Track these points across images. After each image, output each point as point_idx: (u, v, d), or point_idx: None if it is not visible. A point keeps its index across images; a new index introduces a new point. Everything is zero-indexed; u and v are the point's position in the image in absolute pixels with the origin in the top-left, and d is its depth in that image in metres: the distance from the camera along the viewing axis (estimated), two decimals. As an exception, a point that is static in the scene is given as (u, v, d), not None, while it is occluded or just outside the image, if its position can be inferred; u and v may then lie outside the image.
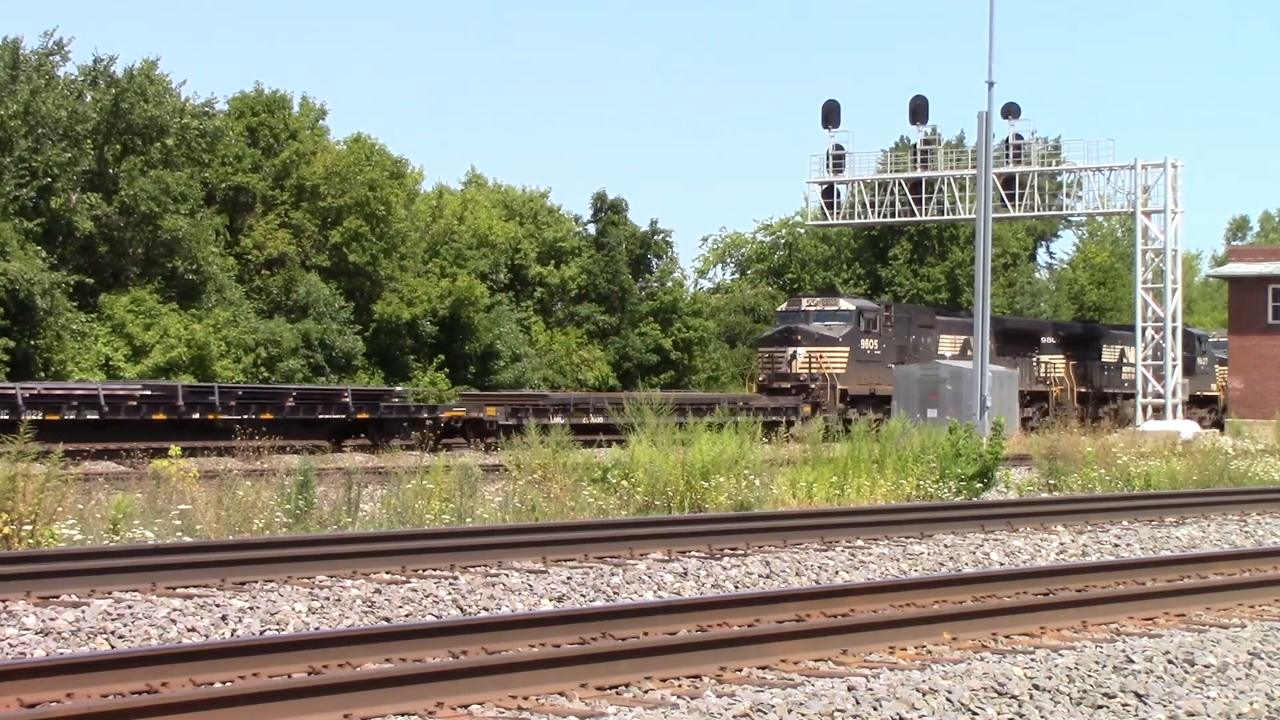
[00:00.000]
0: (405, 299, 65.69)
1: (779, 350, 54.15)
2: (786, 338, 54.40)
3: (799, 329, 54.24)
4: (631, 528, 19.45)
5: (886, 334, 55.58)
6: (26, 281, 49.48)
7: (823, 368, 52.96)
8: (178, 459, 22.82)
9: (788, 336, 54.36)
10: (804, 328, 54.15)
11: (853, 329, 54.30)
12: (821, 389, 52.25)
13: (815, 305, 55.76)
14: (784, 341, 54.29)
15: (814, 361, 53.12)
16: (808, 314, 54.95)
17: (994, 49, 48.00)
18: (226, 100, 65.03)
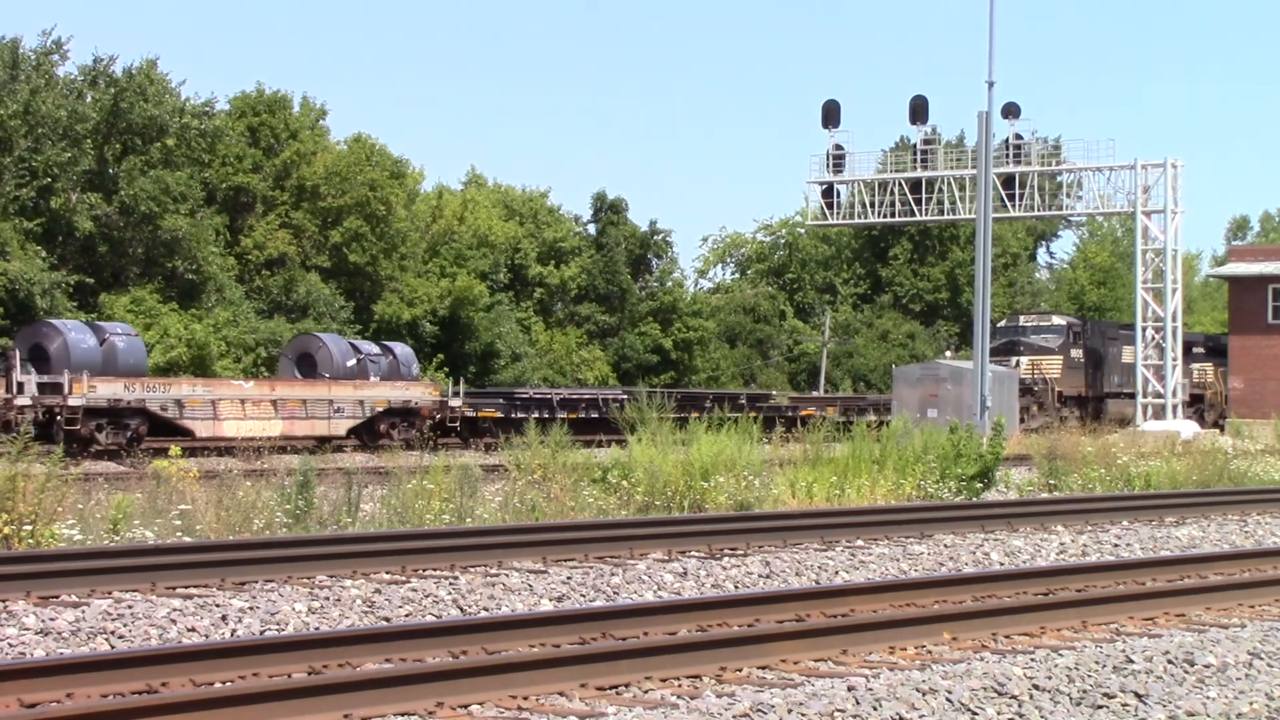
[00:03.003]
0: (405, 299, 65.72)
1: (1005, 359, 60.60)
2: (1010, 348, 61.42)
3: (1021, 341, 61.88)
4: (631, 528, 19.44)
5: (1087, 345, 62.75)
6: (26, 281, 49.47)
7: (1042, 373, 60.25)
8: (178, 459, 22.81)
9: (1012, 347, 61.56)
10: (1025, 340, 61.83)
11: (1064, 340, 61.50)
12: (1042, 391, 59.59)
13: (1032, 321, 63.97)
14: (1008, 351, 61.15)
15: (1034, 368, 60.42)
16: (1026, 328, 62.80)
17: (994, 49, 48.21)
18: (227, 100, 65.13)
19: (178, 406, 37.75)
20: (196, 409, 38.01)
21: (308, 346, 44.64)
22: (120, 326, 40.74)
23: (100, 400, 36.09)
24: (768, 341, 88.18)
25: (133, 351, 39.10)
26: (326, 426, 40.34)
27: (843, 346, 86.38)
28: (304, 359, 43.96)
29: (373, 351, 45.03)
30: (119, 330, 39.79)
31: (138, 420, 37.08)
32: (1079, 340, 62.31)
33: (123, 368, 37.96)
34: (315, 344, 44.57)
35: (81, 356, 36.89)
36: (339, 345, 44.45)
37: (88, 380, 35.76)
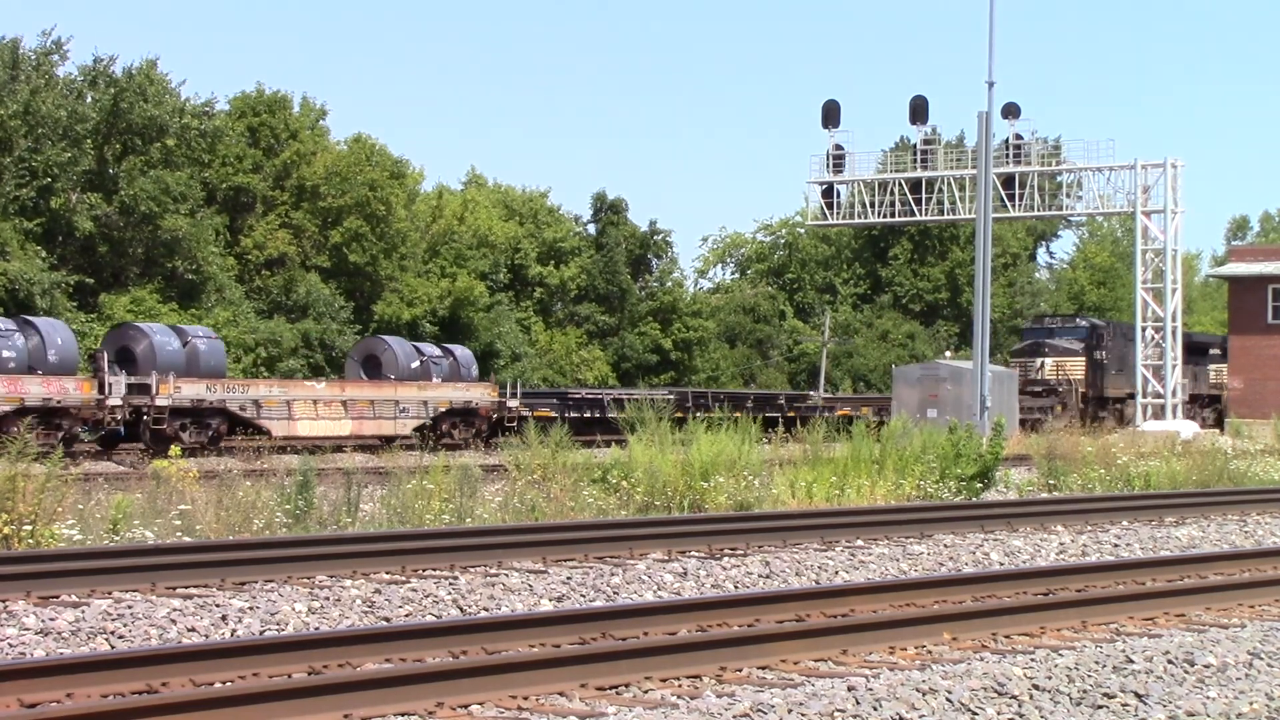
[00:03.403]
0: (405, 299, 65.71)
1: (1030, 360, 62.91)
2: (1036, 350, 63.37)
3: (1046, 343, 63.53)
4: (631, 528, 19.44)
5: (1110, 346, 63.88)
6: (26, 281, 49.48)
7: (1066, 374, 62.07)
8: (178, 459, 22.81)
9: (1037, 349, 63.42)
10: (1050, 342, 63.41)
11: (1088, 342, 62.97)
12: (1067, 392, 61.46)
13: (1057, 323, 65.75)
14: (1033, 353, 63.24)
15: (1059, 369, 62.20)
16: (1051, 330, 64.53)
17: (994, 49, 48.41)
18: (227, 100, 65.14)
19: (255, 407, 39.68)
20: (273, 409, 39.88)
21: (373, 349, 46.31)
22: (201, 330, 42.44)
23: (185, 401, 37.94)
24: (767, 341, 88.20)
25: (213, 354, 40.88)
26: (393, 426, 41.86)
27: (843, 346, 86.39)
28: (369, 361, 45.61)
29: (435, 354, 46.76)
30: (200, 333, 41.44)
31: (218, 420, 38.90)
32: (1102, 342, 63.37)
33: (204, 369, 39.68)
34: (381, 346, 46.17)
35: (166, 359, 38.57)
36: (403, 347, 46.07)
37: (173, 381, 37.61)
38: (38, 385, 35.35)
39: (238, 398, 39.50)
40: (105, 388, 36.38)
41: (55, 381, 35.79)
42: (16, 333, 36.60)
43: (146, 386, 37.31)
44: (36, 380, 35.45)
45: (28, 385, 35.09)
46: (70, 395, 35.72)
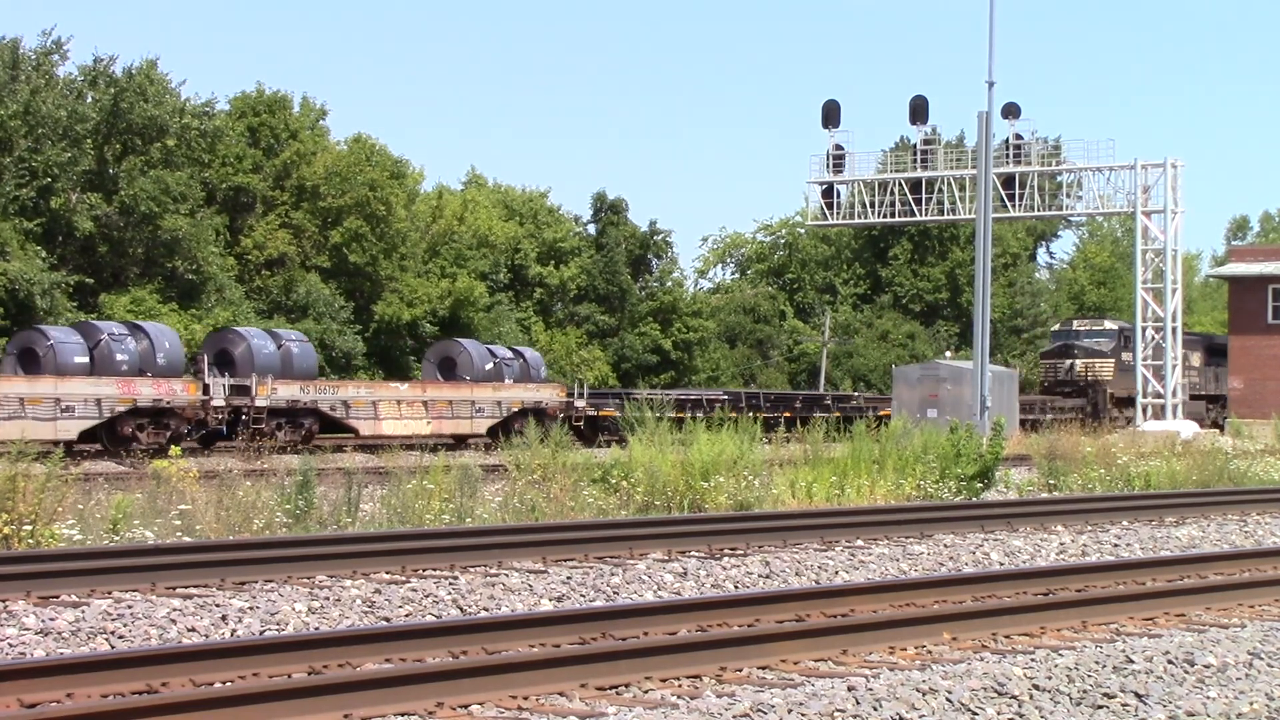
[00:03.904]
0: (405, 299, 65.70)
1: (1059, 361, 64.96)
2: (1065, 351, 65.23)
3: (1074, 344, 65.49)
4: (631, 528, 19.44)
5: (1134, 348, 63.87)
6: (26, 281, 49.46)
7: (1095, 375, 64.06)
8: (178, 459, 22.81)
9: (1066, 350, 65.30)
10: (1078, 343, 65.38)
11: (1116, 344, 64.71)
12: (1096, 392, 63.34)
13: (1085, 325, 67.55)
14: (1062, 354, 65.14)
15: (1088, 370, 64.26)
16: (1079, 332, 66.36)
17: (994, 49, 48.45)
18: (227, 100, 65.13)
19: (345, 407, 42.08)
20: (361, 409, 42.27)
21: (449, 351, 48.72)
22: (294, 334, 44.83)
23: (281, 401, 40.21)
24: (768, 341, 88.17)
25: (305, 356, 43.13)
26: (469, 425, 43.78)
27: (843, 346, 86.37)
28: (445, 362, 47.97)
29: (506, 356, 49.16)
30: (293, 337, 43.82)
31: (311, 420, 41.06)
32: (1129, 344, 63.91)
33: (298, 371, 41.99)
34: (456, 349, 48.57)
35: (263, 361, 40.87)
36: (478, 350, 48.48)
37: (271, 383, 39.94)
38: (149, 387, 37.48)
39: (329, 398, 41.73)
40: (206, 389, 38.63)
41: (164, 383, 37.92)
42: (128, 336, 38.97)
43: (246, 388, 39.49)
44: (148, 382, 37.59)
45: (140, 387, 37.27)
46: (178, 396, 37.93)
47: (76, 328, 40.01)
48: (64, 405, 35.82)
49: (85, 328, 39.73)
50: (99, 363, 38.03)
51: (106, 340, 38.49)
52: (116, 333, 38.97)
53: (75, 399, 36.06)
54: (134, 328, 40.07)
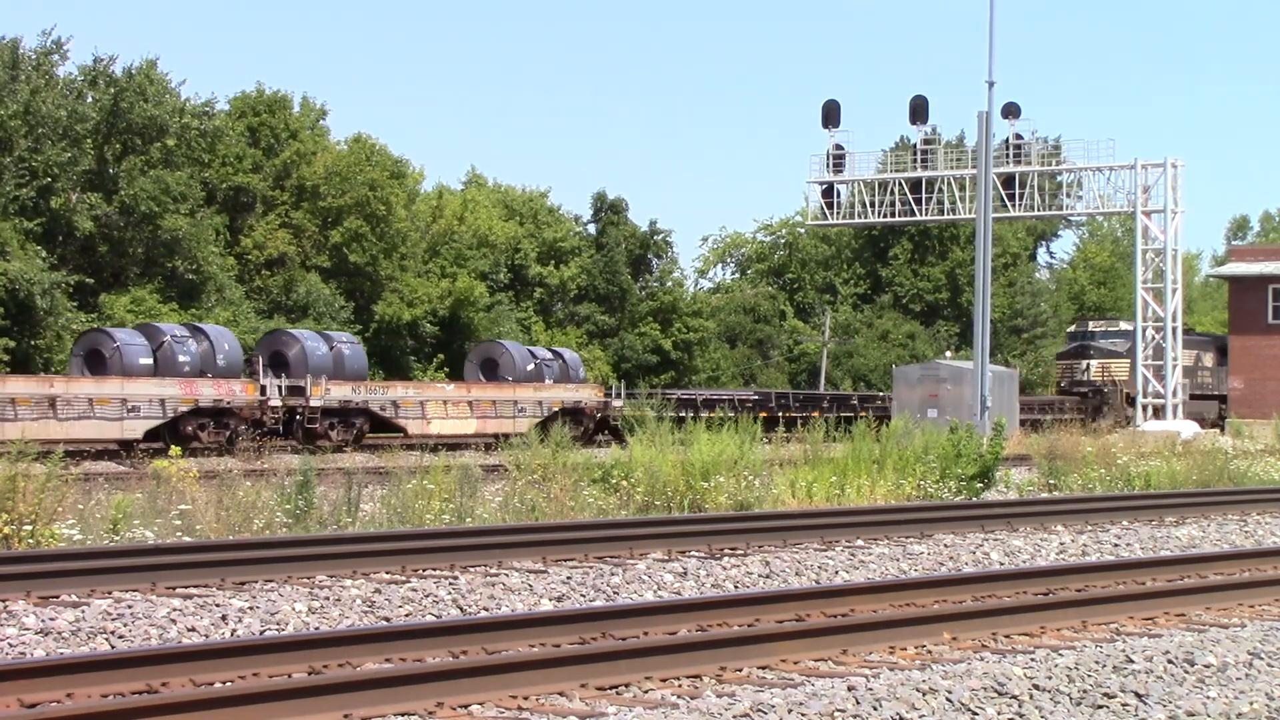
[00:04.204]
0: (406, 299, 65.68)
1: (1075, 362, 66.20)
2: (1081, 352, 66.39)
3: (1090, 345, 66.49)
4: (631, 528, 19.44)
5: None
6: (26, 281, 49.46)
7: (1111, 376, 64.98)
8: (178, 459, 22.81)
9: (1082, 351, 66.46)
10: (1094, 344, 66.32)
11: (1131, 345, 64.09)
12: (1112, 392, 64.34)
13: (1101, 326, 68.45)
14: (1079, 355, 66.33)
15: (1104, 371, 65.27)
16: (1095, 333, 67.23)
17: (994, 49, 48.55)
18: (227, 100, 65.13)
19: (394, 407, 43.42)
20: (409, 409, 43.61)
21: (492, 352, 50.19)
22: (345, 336, 46.37)
23: (333, 401, 41.68)
24: (768, 341, 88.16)
25: (356, 358, 44.61)
26: (512, 425, 44.47)
27: (843, 346, 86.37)
28: (488, 363, 49.45)
29: (546, 357, 50.70)
30: (344, 339, 45.36)
31: (362, 419, 42.45)
32: None
33: (349, 372, 43.42)
34: (499, 350, 50.15)
35: (316, 363, 42.32)
36: (519, 351, 50.13)
37: (325, 384, 41.40)
38: (209, 387, 38.96)
39: (379, 399, 43.16)
40: (262, 390, 40.10)
41: (224, 384, 39.34)
42: (189, 339, 40.40)
43: (300, 388, 40.96)
44: (209, 383, 39.08)
45: (201, 387, 38.76)
46: (237, 396, 39.32)
47: (140, 330, 41.30)
48: (130, 405, 37.13)
49: (149, 330, 41.04)
50: (162, 364, 39.36)
51: (169, 342, 39.88)
52: (179, 335, 40.45)
53: (141, 399, 37.40)
54: (195, 330, 41.50)
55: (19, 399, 35.26)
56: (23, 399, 35.32)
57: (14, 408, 35.03)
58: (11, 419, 34.62)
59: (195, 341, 40.40)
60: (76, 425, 35.77)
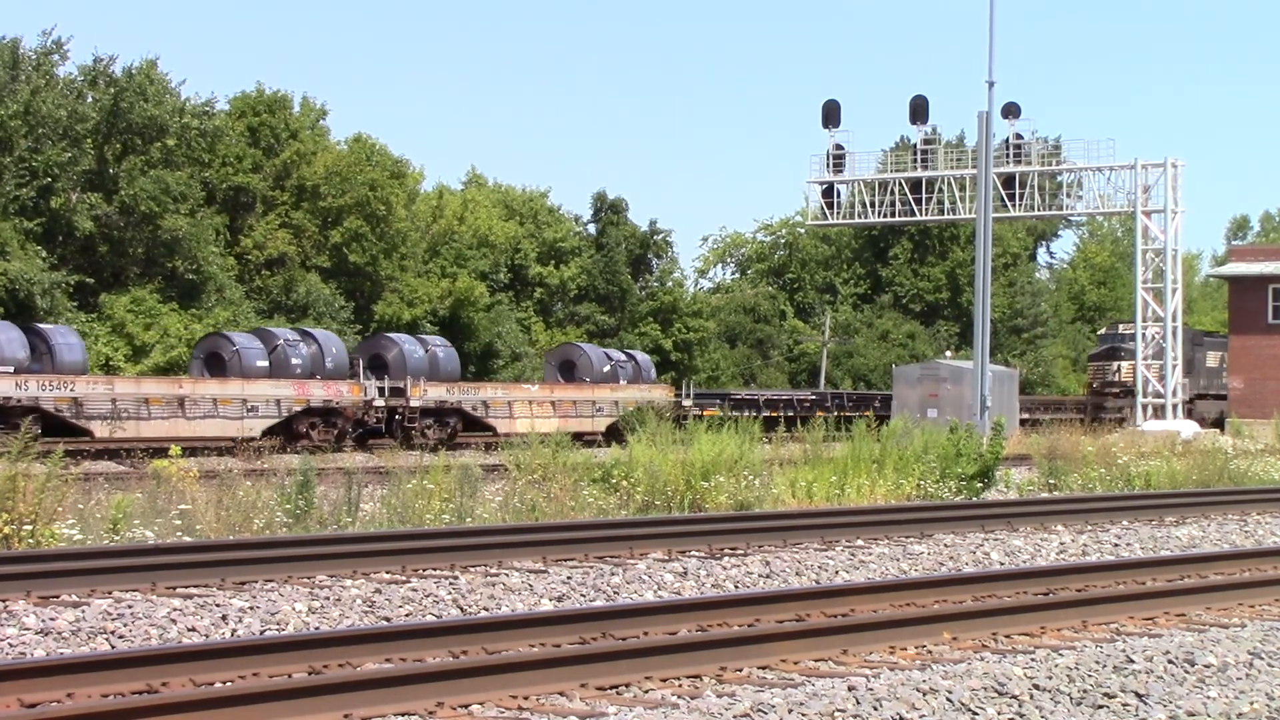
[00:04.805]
0: (406, 299, 65.67)
1: (1106, 363, 67.85)
2: (1112, 354, 67.78)
3: (1120, 347, 67.55)
4: (631, 528, 19.44)
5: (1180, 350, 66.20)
6: (26, 281, 49.46)
7: None
8: (178, 458, 22.80)
9: (1113, 353, 67.78)
10: (1124, 346, 66.98)
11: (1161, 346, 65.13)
12: None
13: (1131, 329, 67.07)
14: (1109, 357, 67.88)
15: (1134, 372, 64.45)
16: (1125, 335, 67.67)
17: (994, 49, 48.60)
18: (227, 100, 65.10)
19: (484, 407, 45.66)
20: (498, 409, 45.84)
21: (569, 354, 52.63)
22: (439, 340, 48.61)
23: (430, 402, 43.87)
24: (768, 341, 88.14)
25: (450, 360, 46.81)
26: (590, 424, 47.04)
27: (843, 346, 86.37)
28: (566, 365, 51.72)
29: (620, 358, 53.10)
30: (438, 343, 47.59)
31: (455, 419, 44.56)
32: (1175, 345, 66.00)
33: (443, 374, 45.60)
34: (577, 352, 52.56)
35: (414, 365, 44.53)
36: (596, 353, 52.62)
37: (423, 385, 43.65)
38: (320, 388, 41.49)
39: (471, 399, 45.51)
40: (365, 391, 42.40)
41: (333, 385, 41.82)
42: (300, 342, 42.84)
43: (401, 389, 43.15)
44: (319, 384, 41.55)
45: (312, 389, 41.25)
46: (344, 397, 41.85)
47: (256, 334, 43.78)
48: (249, 405, 39.67)
49: (263, 334, 43.50)
50: (276, 366, 41.55)
51: (282, 346, 42.13)
52: (291, 339, 42.86)
53: (259, 399, 39.94)
54: (305, 334, 44.06)
55: (152, 399, 37.89)
56: (155, 399, 37.96)
57: (148, 407, 37.61)
58: (146, 418, 37.36)
59: (305, 345, 42.78)
60: (202, 424, 38.44)
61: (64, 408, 36.39)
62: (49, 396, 36.16)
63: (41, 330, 39.85)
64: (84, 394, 36.73)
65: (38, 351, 38.30)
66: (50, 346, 38.64)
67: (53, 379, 36.62)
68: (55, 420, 36.16)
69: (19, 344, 37.48)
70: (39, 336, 38.99)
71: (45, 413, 35.90)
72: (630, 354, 54.62)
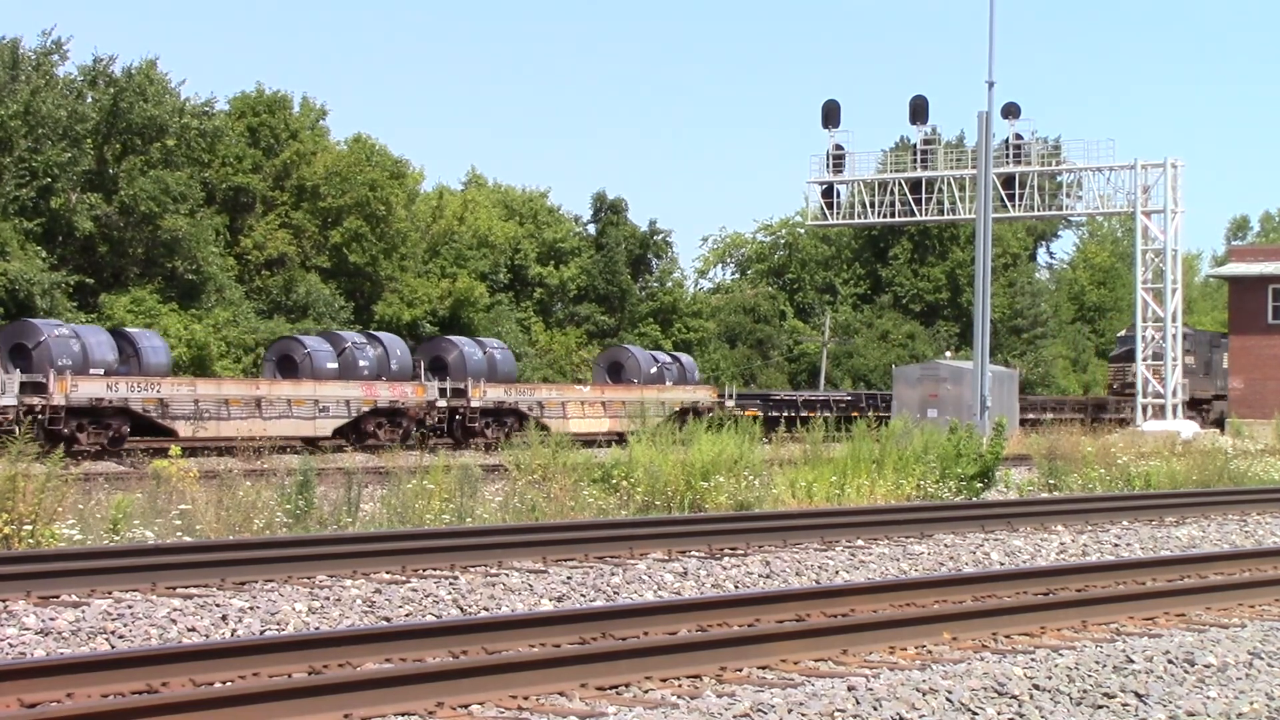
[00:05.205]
0: (405, 299, 65.66)
1: (1127, 365, 67.48)
2: (1132, 356, 66.52)
3: None
4: (631, 528, 19.44)
5: (1198, 353, 68.35)
6: (26, 281, 49.45)
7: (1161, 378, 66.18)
8: (178, 459, 22.80)
9: (1133, 355, 66.41)
10: None
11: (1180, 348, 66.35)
12: None
13: None
14: (1130, 358, 66.80)
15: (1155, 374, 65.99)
16: None
17: (994, 49, 48.63)
18: (227, 100, 65.08)
19: (540, 407, 47.73)
20: (552, 409, 47.82)
21: (618, 356, 55.08)
22: (494, 342, 50.89)
23: (489, 402, 45.91)
24: (768, 342, 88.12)
25: (506, 362, 49.15)
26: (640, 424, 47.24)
27: (843, 346, 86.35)
28: (614, 367, 54.04)
29: (666, 360, 55.47)
30: (495, 345, 49.94)
31: (512, 419, 46.24)
32: (1192, 349, 66.99)
33: (500, 375, 47.81)
34: (625, 354, 55.03)
35: (474, 367, 46.69)
36: (643, 355, 54.96)
37: (483, 386, 45.76)
38: (386, 390, 43.35)
39: (527, 399, 47.74)
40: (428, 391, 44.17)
41: (398, 386, 43.64)
42: (367, 345, 44.89)
43: (462, 390, 45.18)
44: (385, 385, 43.42)
45: (379, 390, 43.16)
46: (409, 398, 43.66)
47: (325, 337, 46.08)
48: (321, 405, 41.57)
49: (332, 337, 45.87)
50: (344, 368, 43.58)
51: (350, 348, 44.24)
52: (358, 342, 44.98)
53: (330, 400, 41.93)
54: (371, 337, 46.14)
55: (232, 399, 39.82)
56: (234, 399, 39.89)
57: (228, 408, 39.49)
58: (226, 418, 39.16)
59: (371, 348, 44.76)
60: (278, 424, 40.06)
61: (151, 408, 37.96)
62: (137, 397, 37.70)
63: (128, 334, 41.58)
64: (169, 395, 38.43)
65: (125, 354, 39.88)
66: (137, 349, 40.21)
67: (140, 380, 38.17)
68: (143, 420, 37.88)
69: (108, 347, 39.17)
70: (126, 340, 40.64)
71: (134, 413, 37.61)
72: (675, 356, 56.62)
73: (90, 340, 38.71)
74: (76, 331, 39.29)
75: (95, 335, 39.53)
